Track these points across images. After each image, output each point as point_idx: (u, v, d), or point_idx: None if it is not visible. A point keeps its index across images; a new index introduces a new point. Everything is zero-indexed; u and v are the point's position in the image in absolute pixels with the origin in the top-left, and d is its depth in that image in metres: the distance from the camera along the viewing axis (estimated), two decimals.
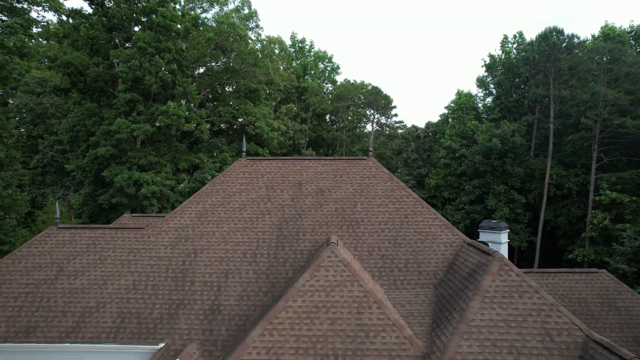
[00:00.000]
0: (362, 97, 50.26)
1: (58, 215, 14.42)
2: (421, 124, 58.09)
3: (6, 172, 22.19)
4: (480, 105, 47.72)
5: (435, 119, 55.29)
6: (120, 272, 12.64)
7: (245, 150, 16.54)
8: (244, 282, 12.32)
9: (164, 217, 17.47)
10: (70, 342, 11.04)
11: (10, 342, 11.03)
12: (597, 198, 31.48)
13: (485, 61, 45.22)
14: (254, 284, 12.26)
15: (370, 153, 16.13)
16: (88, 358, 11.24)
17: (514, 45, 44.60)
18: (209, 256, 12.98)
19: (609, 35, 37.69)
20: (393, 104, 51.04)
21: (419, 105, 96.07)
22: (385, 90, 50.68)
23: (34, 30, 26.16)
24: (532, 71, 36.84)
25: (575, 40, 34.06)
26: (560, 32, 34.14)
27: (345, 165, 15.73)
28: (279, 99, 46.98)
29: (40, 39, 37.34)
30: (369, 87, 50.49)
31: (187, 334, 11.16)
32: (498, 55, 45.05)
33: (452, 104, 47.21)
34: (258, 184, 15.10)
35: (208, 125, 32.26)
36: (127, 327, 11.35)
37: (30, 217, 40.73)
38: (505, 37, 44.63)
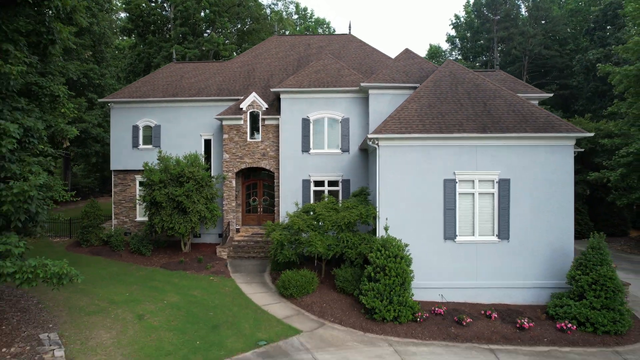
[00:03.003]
0: None
1: (175, 56, 25.80)
2: None
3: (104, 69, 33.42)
4: (450, 58, 59.00)
5: None
6: (215, 75, 23.98)
7: (275, 30, 27.97)
8: (281, 78, 23.67)
9: None
10: (198, 97, 22.26)
11: (166, 98, 22.28)
12: None
13: (451, 20, 56.55)
14: (286, 79, 23.58)
15: (350, 32, 27.49)
16: (211, 109, 22.45)
17: (474, 8, 55.83)
18: (261, 69, 24.35)
19: None
20: None
21: None
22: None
23: None
24: (482, 20, 48.17)
25: None
26: None
27: (334, 37, 27.11)
28: None
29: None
30: None
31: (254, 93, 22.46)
32: (463, 16, 56.35)
33: (426, 57, 58.53)
34: (284, 45, 26.44)
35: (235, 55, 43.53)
36: (223, 93, 22.61)
37: None
38: (468, 1, 55.92)
